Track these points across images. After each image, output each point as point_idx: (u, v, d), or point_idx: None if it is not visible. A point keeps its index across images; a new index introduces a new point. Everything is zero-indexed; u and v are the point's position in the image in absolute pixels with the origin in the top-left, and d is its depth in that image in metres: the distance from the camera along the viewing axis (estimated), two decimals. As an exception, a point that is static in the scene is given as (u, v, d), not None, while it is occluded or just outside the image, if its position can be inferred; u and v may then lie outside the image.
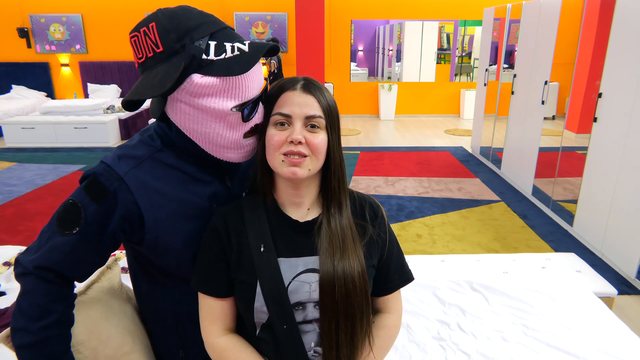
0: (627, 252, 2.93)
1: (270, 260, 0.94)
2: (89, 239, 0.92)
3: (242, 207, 1.00)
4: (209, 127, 0.92)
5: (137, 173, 0.94)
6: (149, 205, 0.94)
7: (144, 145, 0.99)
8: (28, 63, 8.11)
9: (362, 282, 0.95)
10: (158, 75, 0.86)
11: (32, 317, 0.90)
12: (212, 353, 1.00)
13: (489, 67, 5.58)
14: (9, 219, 3.91)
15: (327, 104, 0.94)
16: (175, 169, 0.98)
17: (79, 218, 0.90)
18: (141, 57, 0.90)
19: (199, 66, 0.86)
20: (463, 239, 3.53)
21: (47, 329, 0.90)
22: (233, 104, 0.90)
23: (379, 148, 6.46)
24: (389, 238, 1.06)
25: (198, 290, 1.00)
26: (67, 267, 0.93)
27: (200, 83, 0.86)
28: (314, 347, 0.96)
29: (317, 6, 6.49)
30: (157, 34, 0.86)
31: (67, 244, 0.91)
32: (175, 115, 0.94)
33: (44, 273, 0.91)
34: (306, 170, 0.93)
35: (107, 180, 0.92)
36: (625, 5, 2.96)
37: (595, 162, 3.28)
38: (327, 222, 0.98)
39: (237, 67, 0.87)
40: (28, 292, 0.91)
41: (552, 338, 1.64)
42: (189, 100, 0.90)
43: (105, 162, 0.95)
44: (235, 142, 0.96)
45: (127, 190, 0.92)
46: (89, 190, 0.92)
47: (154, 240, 0.96)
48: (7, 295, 1.98)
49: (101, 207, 0.91)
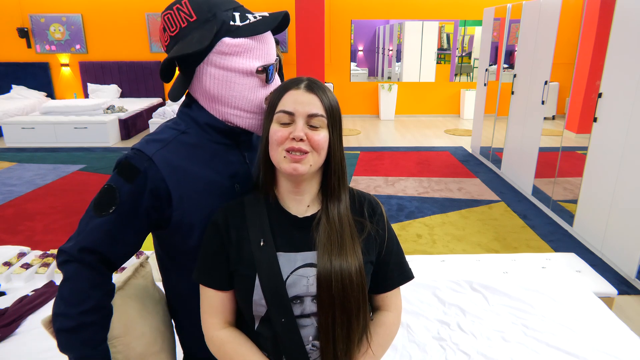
0: (627, 252, 2.93)
1: (270, 254, 0.96)
2: (125, 217, 0.98)
3: (243, 203, 1.03)
4: (236, 89, 1.03)
5: (164, 153, 1.01)
6: (176, 183, 1.01)
7: (169, 129, 1.07)
8: (28, 63, 8.11)
9: (359, 278, 0.97)
10: (195, 38, 0.98)
11: (72, 302, 0.95)
12: (211, 346, 1.02)
13: (489, 67, 5.58)
14: (9, 219, 3.91)
15: (330, 104, 0.98)
16: (199, 148, 1.06)
17: (114, 198, 0.98)
18: (174, 29, 1.02)
19: (228, 31, 1.00)
20: (463, 239, 3.53)
21: (85, 314, 0.95)
22: (259, 64, 1.03)
23: (379, 148, 6.46)
24: (388, 235, 1.08)
25: (199, 283, 1.03)
26: (106, 247, 0.98)
27: (232, 43, 1.00)
28: (311, 341, 0.97)
29: (317, 6, 6.50)
30: (190, 7, 1.00)
31: (105, 223, 0.97)
32: (203, 84, 1.03)
33: (86, 255, 0.96)
34: (307, 166, 0.95)
35: (138, 161, 0.99)
36: (625, 5, 2.96)
37: (595, 162, 3.28)
38: (326, 218, 1.00)
39: (261, 27, 1.02)
40: (70, 279, 0.96)
41: (552, 338, 1.64)
42: (220, 62, 1.01)
43: (135, 147, 1.02)
44: (258, 106, 1.06)
45: (156, 168, 1.00)
46: (122, 172, 0.99)
47: (179, 217, 1.02)
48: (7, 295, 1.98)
49: (134, 186, 0.98)
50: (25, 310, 1.81)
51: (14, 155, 6.09)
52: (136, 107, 7.36)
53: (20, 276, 2.13)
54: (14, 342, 1.66)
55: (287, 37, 8.19)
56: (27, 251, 2.42)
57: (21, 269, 2.16)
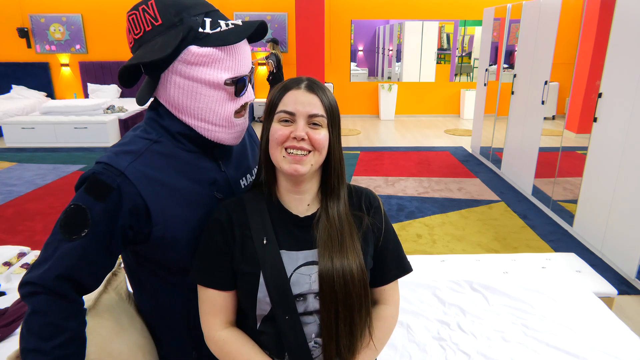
0: (627, 252, 2.93)
1: (273, 252, 0.97)
2: (99, 239, 0.91)
3: (244, 202, 1.03)
4: (202, 101, 0.96)
5: (137, 166, 0.93)
6: (154, 197, 0.94)
7: (139, 139, 0.99)
8: (28, 63, 8.11)
9: (360, 273, 0.98)
10: (157, 44, 0.92)
11: (44, 336, 0.87)
12: (212, 346, 1.01)
13: (489, 67, 5.58)
14: (9, 219, 3.91)
15: (329, 104, 0.98)
16: (174, 158, 0.99)
17: (85, 220, 0.89)
18: (139, 32, 0.94)
19: (196, 38, 0.93)
20: (463, 239, 3.53)
21: (60, 347, 0.88)
22: (227, 76, 0.96)
23: (379, 148, 6.46)
24: (385, 227, 1.09)
25: (199, 283, 1.01)
26: (81, 273, 0.90)
27: (198, 52, 0.93)
28: (314, 338, 0.98)
29: (317, 6, 6.50)
30: (156, 9, 0.93)
31: (77, 248, 0.89)
32: (168, 92, 0.97)
33: (59, 284, 0.88)
34: (308, 166, 0.96)
35: (109, 177, 0.91)
36: (625, 5, 2.96)
37: (595, 162, 3.28)
38: (326, 216, 1.01)
39: (232, 37, 0.95)
40: (39, 312, 0.87)
41: (552, 338, 1.64)
42: (185, 72, 0.94)
43: (102, 161, 0.94)
44: (227, 119, 1.00)
45: (130, 183, 0.92)
46: (92, 190, 0.90)
47: (161, 233, 0.96)
48: (7, 295, 1.98)
49: (107, 204, 0.90)
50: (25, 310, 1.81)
51: (14, 155, 6.09)
52: (136, 107, 7.35)
53: (20, 276, 2.13)
54: (14, 342, 1.66)
55: (287, 37, 8.19)
56: (27, 251, 2.42)
57: (21, 269, 2.16)
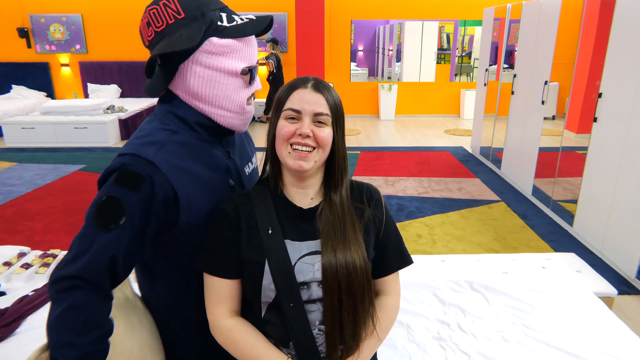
0: (627, 252, 2.93)
1: (278, 241, 1.01)
2: (137, 228, 0.92)
3: (250, 194, 1.08)
4: (220, 89, 1.03)
5: (163, 155, 0.97)
6: (181, 184, 0.99)
7: (160, 131, 1.03)
8: (28, 63, 8.11)
9: (363, 264, 1.01)
10: (183, 34, 0.98)
11: (82, 331, 0.86)
12: (218, 335, 1.04)
13: (489, 67, 5.57)
14: (9, 219, 3.91)
15: (334, 103, 1.03)
16: (192, 147, 1.05)
17: (121, 209, 0.90)
18: (160, 25, 1.01)
19: (216, 30, 1.01)
20: (463, 239, 3.53)
21: (95, 342, 0.88)
22: (243, 65, 1.04)
23: (379, 148, 6.45)
24: (386, 218, 1.13)
25: (205, 272, 1.04)
26: (119, 264, 0.91)
27: (219, 43, 1.01)
28: (318, 325, 1.01)
29: (317, 6, 6.49)
30: (178, 4, 1.00)
31: (117, 238, 0.89)
32: (187, 82, 1.03)
33: (100, 277, 0.88)
34: (312, 163, 1.01)
35: (139, 167, 0.93)
36: (625, 5, 2.96)
37: (595, 162, 3.28)
38: (329, 209, 1.05)
39: (250, 29, 1.03)
40: (77, 306, 0.87)
41: (552, 338, 1.64)
42: (206, 61, 1.01)
43: (127, 152, 0.96)
44: (240, 106, 1.07)
45: (160, 172, 0.95)
46: (123, 181, 0.92)
47: (186, 220, 1.00)
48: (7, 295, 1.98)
49: (141, 194, 0.92)
50: (25, 310, 1.81)
51: (14, 155, 6.09)
52: (136, 107, 7.35)
53: (20, 276, 2.13)
54: (14, 342, 1.66)
55: (287, 37, 8.18)
56: (27, 251, 2.42)
57: (21, 269, 2.16)
